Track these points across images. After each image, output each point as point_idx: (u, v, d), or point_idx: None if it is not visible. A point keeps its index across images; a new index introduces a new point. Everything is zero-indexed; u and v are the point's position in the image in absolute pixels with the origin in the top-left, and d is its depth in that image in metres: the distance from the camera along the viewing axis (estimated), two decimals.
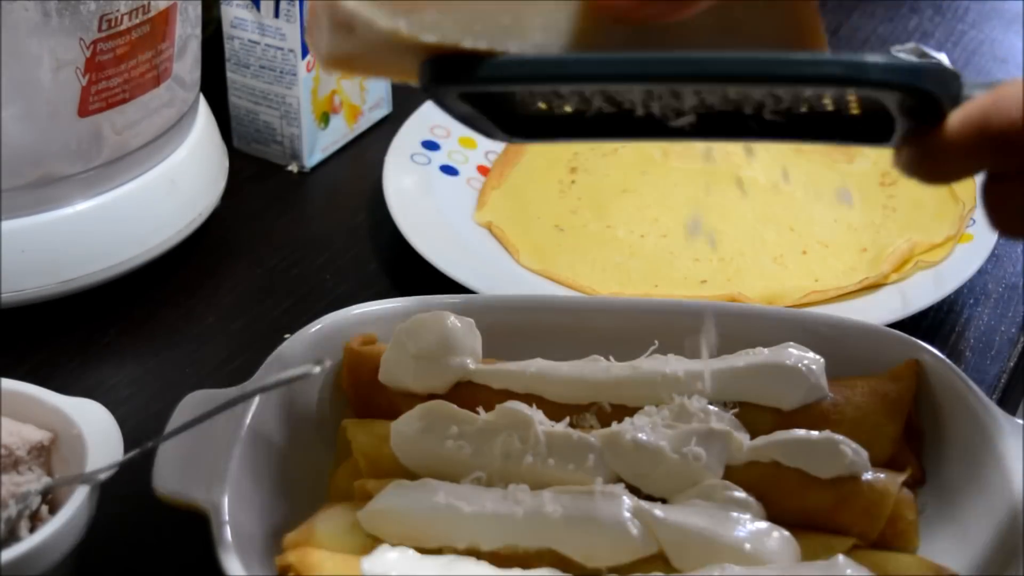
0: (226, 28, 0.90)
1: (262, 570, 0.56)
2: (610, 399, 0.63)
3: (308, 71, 0.89)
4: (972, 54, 1.13)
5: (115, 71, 0.73)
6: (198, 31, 0.80)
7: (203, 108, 0.85)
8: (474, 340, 0.66)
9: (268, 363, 0.64)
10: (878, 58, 0.47)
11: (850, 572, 0.54)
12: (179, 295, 0.81)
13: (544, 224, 0.86)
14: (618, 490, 0.58)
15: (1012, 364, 0.78)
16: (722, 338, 0.66)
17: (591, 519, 0.56)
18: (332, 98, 0.93)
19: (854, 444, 0.59)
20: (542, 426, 0.60)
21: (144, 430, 0.61)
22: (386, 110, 0.99)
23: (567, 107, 0.52)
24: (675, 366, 0.63)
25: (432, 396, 0.64)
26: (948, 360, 0.65)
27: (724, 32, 0.52)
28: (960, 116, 0.47)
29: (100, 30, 0.71)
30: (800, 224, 0.84)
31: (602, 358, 0.64)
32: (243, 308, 0.81)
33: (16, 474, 0.58)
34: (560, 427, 0.61)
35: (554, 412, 0.62)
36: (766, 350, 0.64)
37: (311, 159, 0.93)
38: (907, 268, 0.80)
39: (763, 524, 0.57)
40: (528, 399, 0.62)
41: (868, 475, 0.59)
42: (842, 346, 0.66)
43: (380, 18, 0.48)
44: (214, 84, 0.90)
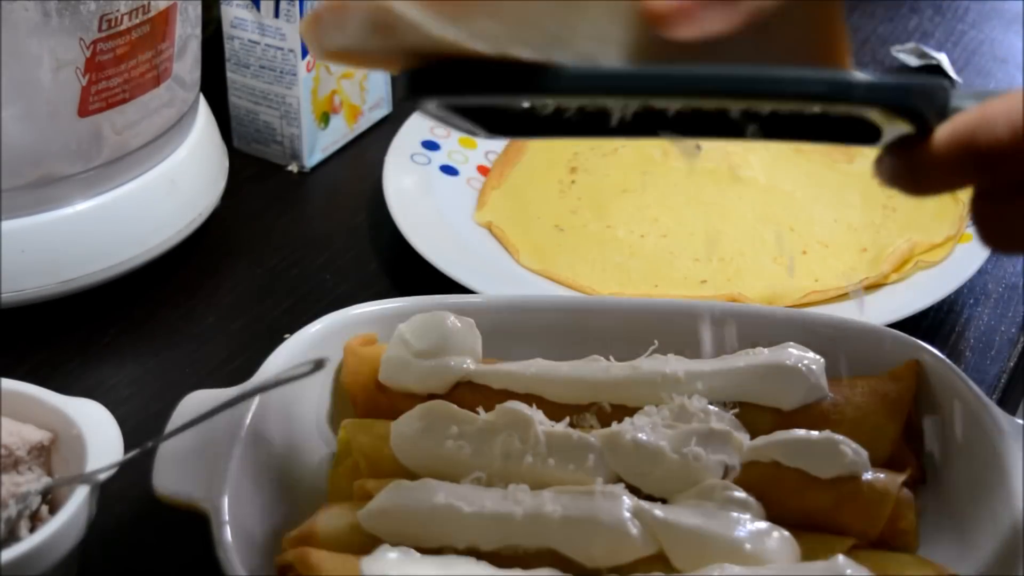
0: (226, 28, 0.90)
1: (262, 570, 0.56)
2: (610, 399, 0.63)
3: (308, 71, 0.89)
4: (972, 54, 1.13)
5: (115, 71, 0.73)
6: (198, 31, 0.80)
7: (203, 108, 0.85)
8: (474, 340, 0.66)
9: (268, 363, 0.64)
10: (863, 76, 0.46)
11: (850, 572, 0.54)
12: (179, 295, 0.81)
13: (544, 224, 0.85)
14: (618, 490, 0.58)
15: (1012, 364, 0.78)
16: (722, 338, 0.66)
17: (591, 519, 0.56)
18: (332, 98, 0.93)
19: (854, 444, 0.59)
20: (542, 426, 0.60)
21: (144, 430, 0.61)
22: (386, 110, 0.99)
23: (549, 108, 0.51)
24: (675, 366, 0.63)
25: (432, 396, 0.64)
26: (948, 360, 0.65)
27: (758, 48, 0.50)
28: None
29: (100, 30, 0.71)
30: (800, 224, 0.84)
31: (602, 358, 0.64)
32: (243, 308, 0.81)
33: (16, 474, 0.58)
34: (560, 427, 0.61)
35: (554, 412, 0.62)
36: (766, 350, 0.64)
37: (311, 159, 0.93)
38: (907, 268, 0.80)
39: (763, 524, 0.57)
40: (528, 399, 0.62)
41: (868, 475, 0.59)
42: (842, 346, 0.66)
43: (430, 25, 0.46)
44: (214, 84, 0.90)
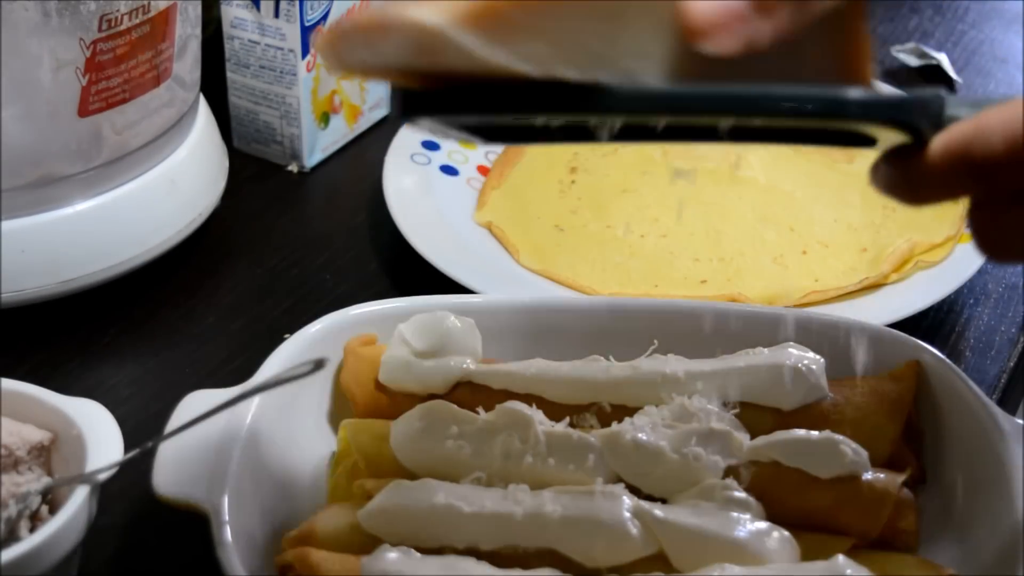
0: (226, 28, 0.90)
1: (262, 570, 0.56)
2: (610, 399, 0.63)
3: (308, 71, 0.89)
4: (972, 54, 1.13)
5: (115, 71, 0.73)
6: (198, 31, 0.80)
7: (203, 108, 0.84)
8: (474, 340, 0.66)
9: (268, 363, 0.64)
10: (857, 93, 0.47)
11: (850, 572, 0.54)
12: (179, 295, 0.81)
13: (544, 224, 0.85)
14: (618, 490, 0.58)
15: (1012, 364, 0.78)
16: (722, 338, 0.66)
17: (591, 519, 0.56)
18: (332, 98, 0.93)
19: (854, 444, 0.59)
20: (542, 426, 0.60)
21: (144, 430, 0.61)
22: (386, 110, 0.99)
23: (542, 121, 0.51)
24: (675, 366, 0.63)
25: (432, 396, 0.64)
26: (948, 360, 0.65)
27: (786, 62, 0.50)
28: (942, 143, 0.47)
29: (100, 30, 0.71)
30: (800, 224, 0.84)
31: (602, 358, 0.64)
32: (243, 308, 0.81)
33: (16, 474, 0.58)
34: (560, 427, 0.61)
35: (554, 412, 0.62)
36: (766, 350, 0.64)
37: (311, 159, 0.93)
38: (907, 268, 0.80)
39: (763, 524, 0.57)
40: (528, 399, 0.62)
41: (868, 475, 0.59)
42: (842, 346, 0.66)
43: (477, 47, 0.45)
44: (214, 84, 0.90)
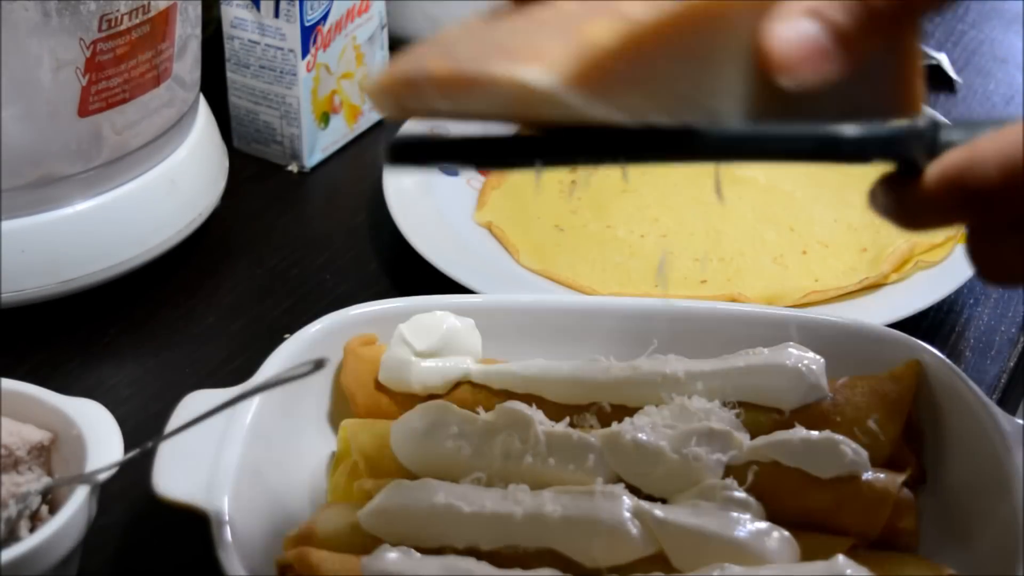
0: (226, 28, 0.90)
1: (262, 570, 0.56)
2: (610, 399, 0.63)
3: (308, 71, 0.89)
4: (972, 54, 1.13)
5: (115, 71, 0.73)
6: (198, 31, 0.80)
7: (203, 108, 0.84)
8: (474, 340, 0.66)
9: (268, 363, 0.64)
10: (851, 131, 0.47)
11: (850, 572, 0.54)
12: (179, 295, 0.81)
13: (544, 224, 0.85)
14: (618, 490, 0.58)
15: (1012, 364, 0.78)
16: (722, 338, 0.66)
17: (591, 519, 0.56)
18: (332, 98, 0.93)
19: (854, 444, 0.59)
20: (542, 426, 0.60)
21: (144, 430, 0.61)
22: None
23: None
24: (675, 366, 0.63)
25: (432, 396, 0.64)
26: (948, 360, 0.65)
27: (848, 95, 0.50)
28: (937, 172, 0.47)
29: (100, 30, 0.71)
30: (800, 224, 0.84)
31: (602, 358, 0.64)
32: (243, 308, 0.81)
33: (16, 474, 0.58)
34: (560, 427, 0.61)
35: (554, 412, 0.62)
36: (766, 350, 0.64)
37: (311, 159, 0.93)
38: (907, 268, 0.80)
39: (763, 524, 0.57)
40: (528, 399, 0.62)
41: (868, 475, 0.59)
42: (842, 346, 0.66)
43: (577, 102, 0.44)
44: (214, 84, 0.90)
